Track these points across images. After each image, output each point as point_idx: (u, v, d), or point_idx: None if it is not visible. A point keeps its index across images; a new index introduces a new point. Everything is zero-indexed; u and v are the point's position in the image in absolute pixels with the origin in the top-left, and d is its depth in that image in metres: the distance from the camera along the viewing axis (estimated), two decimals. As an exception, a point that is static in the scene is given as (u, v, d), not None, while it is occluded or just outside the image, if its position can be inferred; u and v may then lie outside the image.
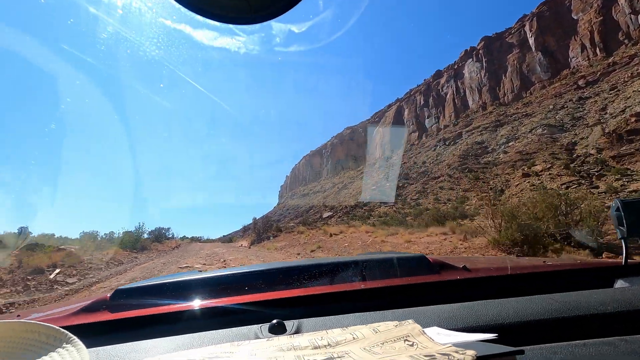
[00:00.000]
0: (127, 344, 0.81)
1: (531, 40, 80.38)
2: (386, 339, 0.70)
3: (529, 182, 37.53)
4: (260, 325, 0.86)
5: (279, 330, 0.82)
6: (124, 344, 0.80)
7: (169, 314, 0.97)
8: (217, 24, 0.59)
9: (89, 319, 0.97)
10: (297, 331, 0.82)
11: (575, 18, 73.57)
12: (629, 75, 51.02)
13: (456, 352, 0.59)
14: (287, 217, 71.01)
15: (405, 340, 0.69)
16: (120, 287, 1.12)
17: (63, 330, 0.66)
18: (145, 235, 25.99)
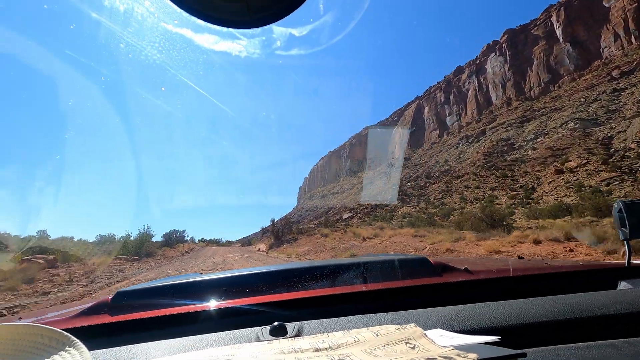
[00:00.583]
0: (128, 346, 0.81)
1: (558, 31, 76.99)
2: (387, 341, 0.69)
3: (563, 179, 35.61)
4: (261, 327, 0.85)
5: (280, 332, 0.82)
6: (124, 347, 0.81)
7: (170, 317, 0.97)
8: (218, 28, 0.59)
9: (89, 321, 0.97)
10: (299, 333, 0.81)
11: (606, 6, 69.81)
12: (669, 63, 47.80)
13: (458, 356, 0.59)
14: (307, 219, 70.73)
15: (406, 342, 0.68)
16: (121, 290, 1.13)
17: (66, 333, 0.66)
18: (157, 238, 24.24)
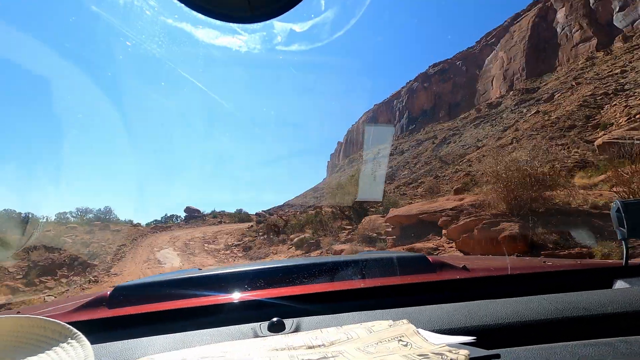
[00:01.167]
0: (125, 341, 0.81)
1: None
2: (380, 338, 0.71)
3: None
4: (259, 323, 0.86)
5: (278, 328, 0.83)
6: (121, 342, 0.81)
7: (168, 312, 0.97)
8: (219, 22, 0.61)
9: (87, 315, 0.98)
10: (297, 329, 0.82)
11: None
12: None
13: (449, 352, 0.61)
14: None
15: (399, 340, 0.70)
16: (119, 285, 1.15)
17: (68, 326, 0.67)
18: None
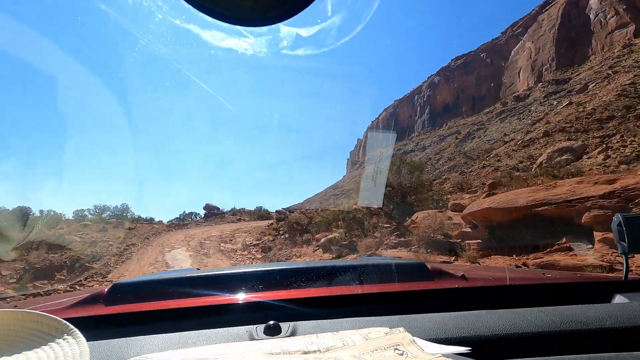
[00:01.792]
0: (120, 339, 0.80)
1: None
2: (376, 346, 0.70)
3: None
4: (256, 325, 0.86)
5: (274, 331, 0.82)
6: (117, 339, 0.80)
7: (165, 311, 0.96)
8: (226, 25, 0.60)
9: (84, 312, 0.97)
10: (293, 333, 0.82)
11: None
12: None
13: None
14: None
15: (395, 349, 0.69)
16: (117, 282, 1.13)
17: (64, 321, 0.67)
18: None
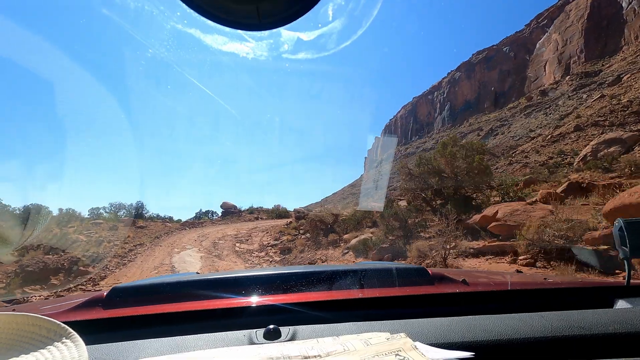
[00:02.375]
0: (119, 343, 0.80)
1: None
2: (377, 352, 0.69)
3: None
4: (255, 330, 0.85)
5: (274, 336, 0.82)
6: (115, 343, 0.80)
7: (164, 315, 0.96)
8: (227, 29, 0.61)
9: (82, 316, 0.97)
10: (293, 338, 0.81)
11: None
12: None
13: None
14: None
15: (396, 354, 0.68)
16: (117, 286, 1.12)
17: (63, 325, 0.67)
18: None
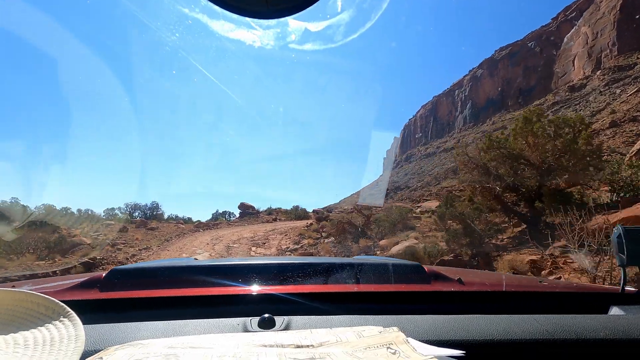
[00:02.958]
0: (116, 324, 0.80)
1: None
2: (369, 344, 0.70)
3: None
4: (250, 318, 0.86)
5: (268, 324, 0.83)
6: (112, 324, 0.80)
7: (161, 299, 0.96)
8: (235, 16, 0.59)
9: (81, 295, 0.98)
10: (287, 327, 0.83)
11: None
12: None
13: None
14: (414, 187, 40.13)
15: (388, 347, 0.69)
16: (115, 267, 1.14)
17: (62, 304, 0.67)
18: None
